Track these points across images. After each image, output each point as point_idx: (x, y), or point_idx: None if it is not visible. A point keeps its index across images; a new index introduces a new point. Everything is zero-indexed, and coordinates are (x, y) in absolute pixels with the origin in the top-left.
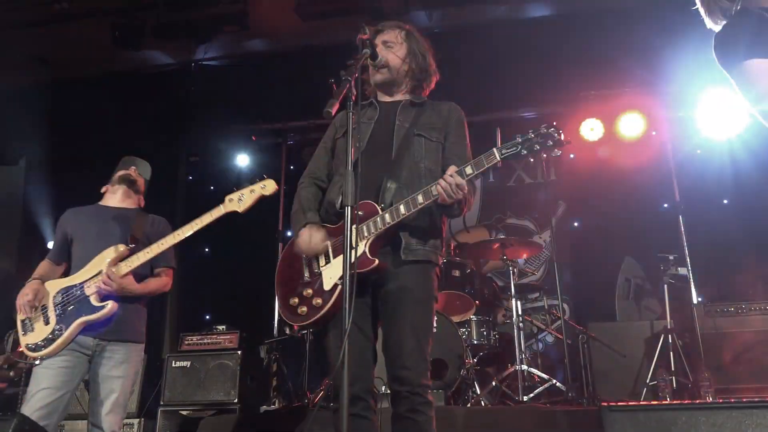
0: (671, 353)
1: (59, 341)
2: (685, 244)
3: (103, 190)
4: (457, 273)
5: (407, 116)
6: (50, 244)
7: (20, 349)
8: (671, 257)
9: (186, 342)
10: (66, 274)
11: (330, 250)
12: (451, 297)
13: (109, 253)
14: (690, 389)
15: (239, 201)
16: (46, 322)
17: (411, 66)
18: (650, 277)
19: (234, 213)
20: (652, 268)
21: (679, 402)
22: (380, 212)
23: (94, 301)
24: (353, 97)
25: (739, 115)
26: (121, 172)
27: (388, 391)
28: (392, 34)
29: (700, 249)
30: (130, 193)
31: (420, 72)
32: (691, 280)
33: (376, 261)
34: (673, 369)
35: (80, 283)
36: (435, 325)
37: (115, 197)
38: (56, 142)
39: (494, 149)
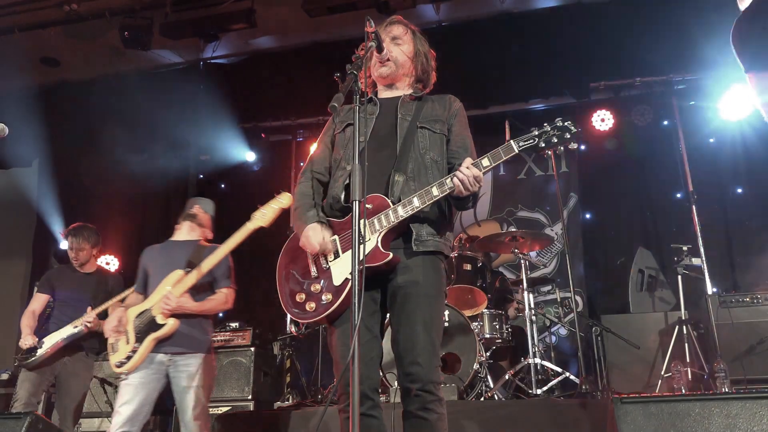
0: (686, 344)
1: (136, 357)
2: (699, 234)
3: (176, 227)
4: (468, 267)
5: (408, 110)
6: (63, 245)
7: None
8: (685, 248)
9: None
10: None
11: (339, 246)
12: (462, 291)
13: (172, 278)
14: (705, 380)
15: (263, 216)
16: (127, 342)
17: (415, 64)
18: (664, 268)
19: (260, 228)
20: (666, 259)
21: (691, 393)
22: (391, 205)
23: (159, 320)
24: (360, 91)
25: (750, 102)
26: (186, 212)
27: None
28: (400, 31)
29: (714, 239)
30: (194, 227)
31: (422, 72)
32: (705, 270)
33: (390, 254)
34: (688, 360)
35: (151, 307)
36: (447, 319)
37: (181, 232)
38: (68, 143)
39: (511, 141)
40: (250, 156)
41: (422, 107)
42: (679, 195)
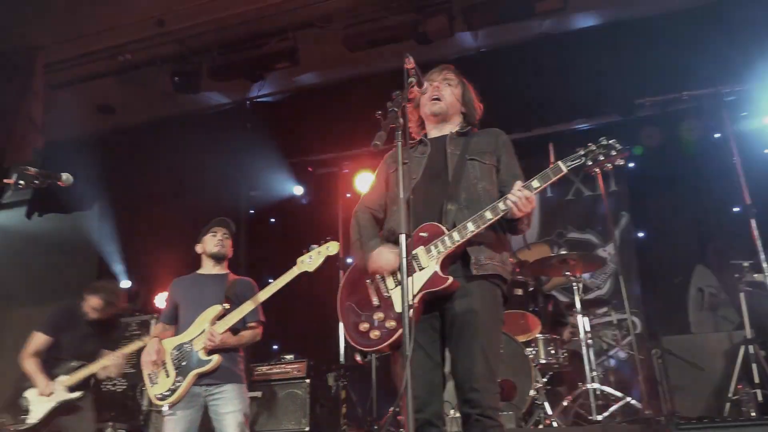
0: (753, 365)
1: (180, 391)
2: (761, 248)
3: (199, 250)
4: (520, 291)
5: (457, 145)
6: (123, 284)
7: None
8: (746, 263)
9: (256, 373)
10: (175, 333)
11: (398, 275)
12: (515, 316)
13: (210, 313)
14: None
15: (309, 261)
16: (167, 375)
17: (462, 106)
18: (725, 286)
19: (305, 272)
20: (726, 275)
21: (758, 417)
22: (446, 232)
23: (202, 355)
24: (402, 126)
25: None
26: (209, 248)
27: (457, 415)
28: (452, 75)
29: None
30: (220, 261)
31: (469, 116)
32: None
33: (450, 278)
34: (756, 381)
35: (189, 341)
36: (501, 345)
37: (208, 266)
38: (125, 185)
39: (559, 162)
40: (298, 190)
41: (469, 142)
42: (736, 209)
